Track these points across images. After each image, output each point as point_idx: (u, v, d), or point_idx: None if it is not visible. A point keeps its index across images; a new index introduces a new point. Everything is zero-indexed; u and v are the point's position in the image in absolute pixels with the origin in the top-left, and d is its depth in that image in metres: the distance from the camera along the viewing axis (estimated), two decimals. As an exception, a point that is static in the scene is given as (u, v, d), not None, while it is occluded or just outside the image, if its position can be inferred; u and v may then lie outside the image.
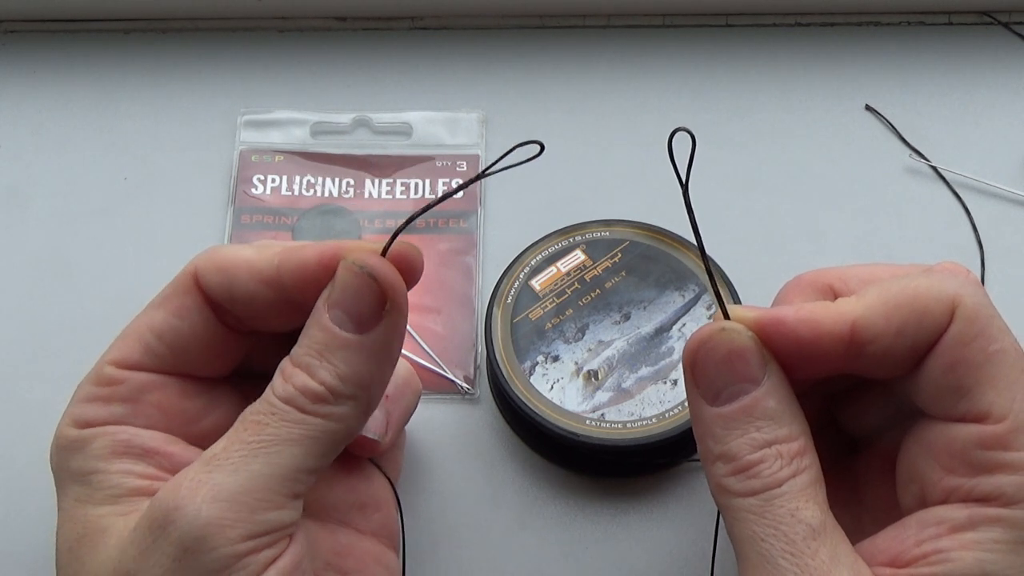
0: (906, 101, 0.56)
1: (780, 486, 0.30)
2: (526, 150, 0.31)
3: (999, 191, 0.53)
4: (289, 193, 0.53)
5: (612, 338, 0.45)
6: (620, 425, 0.43)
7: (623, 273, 0.47)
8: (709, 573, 0.41)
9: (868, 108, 0.56)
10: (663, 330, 0.45)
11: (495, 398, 0.47)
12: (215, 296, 0.35)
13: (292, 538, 0.32)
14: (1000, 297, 0.49)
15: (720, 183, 0.53)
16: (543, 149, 0.32)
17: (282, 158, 0.54)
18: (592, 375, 0.44)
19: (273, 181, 0.53)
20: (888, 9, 0.59)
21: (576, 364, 0.45)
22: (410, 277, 0.34)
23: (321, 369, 0.32)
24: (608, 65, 0.58)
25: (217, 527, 0.30)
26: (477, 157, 0.54)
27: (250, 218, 0.52)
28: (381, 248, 0.33)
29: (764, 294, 0.38)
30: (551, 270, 0.47)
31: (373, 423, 0.38)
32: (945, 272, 0.33)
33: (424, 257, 0.34)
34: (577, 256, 0.48)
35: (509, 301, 0.46)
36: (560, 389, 0.44)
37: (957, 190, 0.53)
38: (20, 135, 0.56)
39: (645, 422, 0.43)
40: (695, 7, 0.59)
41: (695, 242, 0.33)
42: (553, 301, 0.46)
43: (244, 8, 0.58)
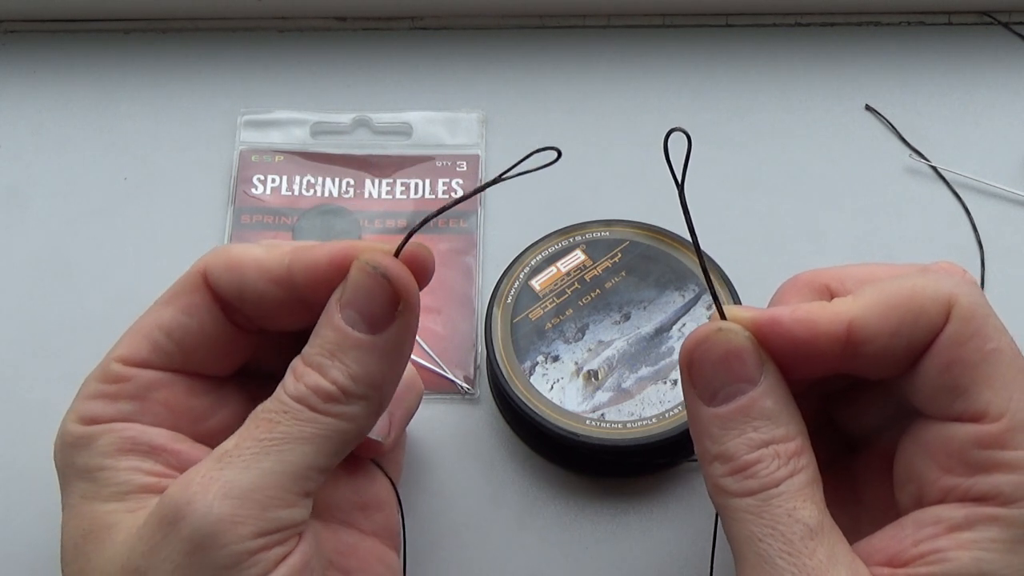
0: (906, 101, 0.56)
1: (777, 486, 0.30)
2: (543, 155, 0.32)
3: (999, 191, 0.53)
4: (289, 193, 0.53)
5: (612, 338, 0.45)
6: (620, 425, 0.43)
7: (623, 273, 0.47)
8: (709, 573, 0.41)
9: (868, 108, 0.56)
10: (663, 330, 0.45)
11: (495, 398, 0.47)
12: (224, 294, 0.35)
13: (302, 536, 0.32)
14: (1000, 297, 0.49)
15: (720, 183, 0.53)
16: (560, 155, 0.32)
17: (282, 158, 0.54)
18: (592, 375, 0.44)
19: (273, 181, 0.53)
20: (888, 9, 0.59)
21: (576, 364, 0.45)
22: (422, 278, 0.34)
23: (333, 369, 0.32)
24: (608, 65, 0.58)
25: (229, 524, 0.30)
26: (477, 157, 0.54)
27: (250, 218, 0.52)
28: (394, 249, 0.33)
29: (764, 294, 0.38)
30: (551, 270, 0.47)
31: (376, 424, 0.38)
32: (941, 272, 0.33)
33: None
34: (577, 256, 0.48)
35: (509, 301, 0.46)
36: (560, 389, 0.44)
37: (957, 190, 0.53)
38: (20, 135, 0.56)
39: (645, 422, 0.43)
40: (695, 7, 0.59)
41: (692, 242, 0.33)
42: (553, 301, 0.46)
43: (244, 8, 0.59)
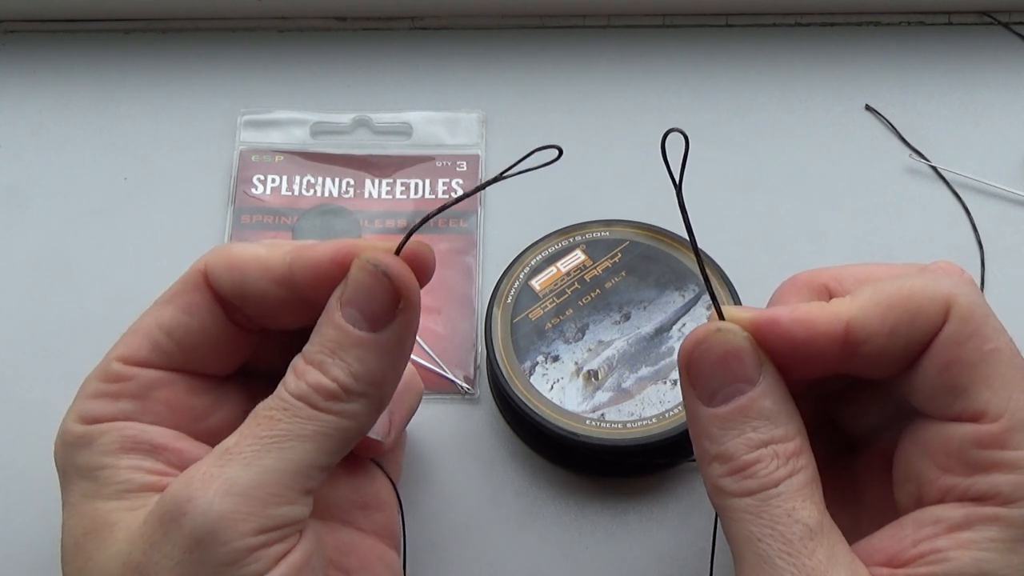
0: (906, 101, 0.56)
1: (777, 486, 0.30)
2: (544, 154, 0.32)
3: (999, 191, 0.53)
4: (289, 193, 0.53)
5: (612, 338, 0.45)
6: (620, 425, 0.43)
7: (623, 273, 0.47)
8: (708, 573, 0.41)
9: (868, 108, 0.56)
10: (663, 330, 0.45)
11: (495, 398, 0.47)
12: (225, 293, 0.35)
13: (303, 533, 0.32)
14: (1000, 297, 0.50)
15: (720, 183, 0.53)
16: (561, 154, 0.32)
17: (282, 158, 0.54)
18: (592, 375, 0.44)
19: (273, 181, 0.53)
20: (888, 9, 0.59)
21: (576, 364, 0.45)
22: (423, 276, 0.34)
23: (334, 367, 0.32)
24: (608, 65, 0.58)
25: (230, 520, 0.30)
26: (477, 157, 0.54)
27: (250, 218, 0.52)
28: (395, 247, 0.33)
29: (764, 294, 0.38)
30: (551, 270, 0.47)
31: (376, 423, 0.38)
32: (939, 271, 0.33)
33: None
34: (577, 256, 0.48)
35: (509, 301, 0.46)
36: (560, 389, 0.44)
37: (957, 190, 0.53)
38: (20, 135, 0.56)
39: (645, 422, 0.43)
40: (695, 7, 0.59)
41: (690, 243, 0.33)
42: (553, 301, 0.46)
43: (244, 8, 0.59)
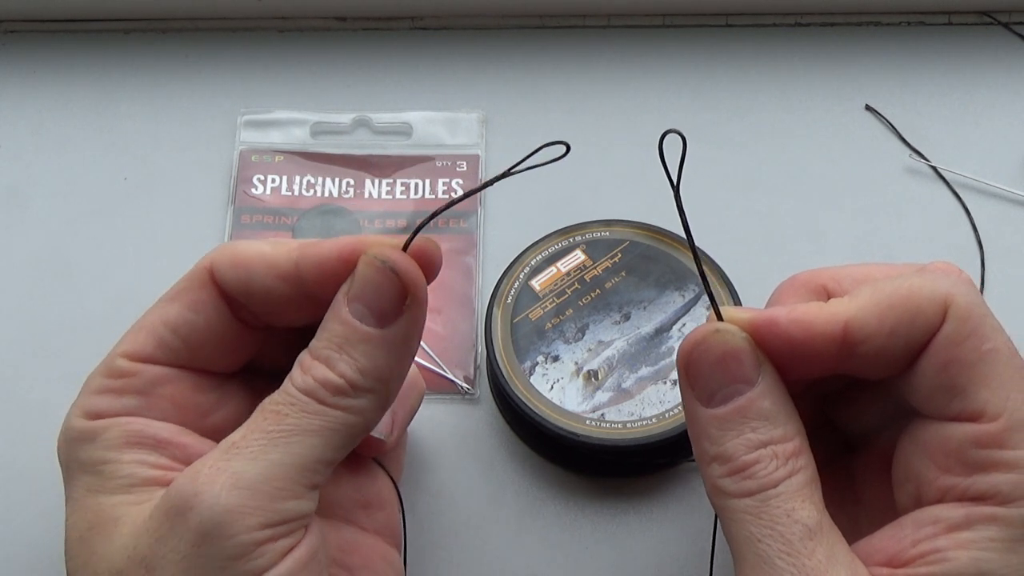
0: (906, 101, 0.56)
1: (776, 486, 0.30)
2: (552, 150, 0.32)
3: (999, 191, 0.53)
4: (289, 193, 0.53)
5: (612, 338, 0.45)
6: (620, 425, 0.43)
7: (623, 273, 0.47)
8: (708, 573, 0.41)
9: (868, 108, 0.56)
10: (663, 330, 0.45)
11: (495, 398, 0.47)
12: (231, 290, 0.35)
13: (308, 528, 0.32)
14: (1000, 297, 0.50)
15: (720, 183, 0.53)
16: (569, 149, 0.32)
17: (282, 158, 0.54)
18: (592, 375, 0.44)
19: (273, 181, 0.53)
20: (888, 9, 0.59)
21: (576, 364, 0.45)
22: (429, 272, 0.34)
23: (341, 362, 0.32)
24: (608, 65, 0.58)
25: (236, 514, 0.30)
26: (477, 157, 0.54)
27: (250, 218, 0.52)
28: (402, 243, 0.33)
29: (764, 294, 0.38)
30: (551, 270, 0.47)
31: (380, 422, 0.38)
32: (938, 272, 0.33)
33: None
34: (577, 256, 0.48)
35: (509, 301, 0.46)
36: (560, 389, 0.44)
37: (957, 190, 0.53)
38: (20, 135, 0.56)
39: (645, 422, 0.43)
40: (695, 7, 0.59)
41: (688, 244, 0.33)
42: (553, 301, 0.46)
43: (244, 8, 0.59)
